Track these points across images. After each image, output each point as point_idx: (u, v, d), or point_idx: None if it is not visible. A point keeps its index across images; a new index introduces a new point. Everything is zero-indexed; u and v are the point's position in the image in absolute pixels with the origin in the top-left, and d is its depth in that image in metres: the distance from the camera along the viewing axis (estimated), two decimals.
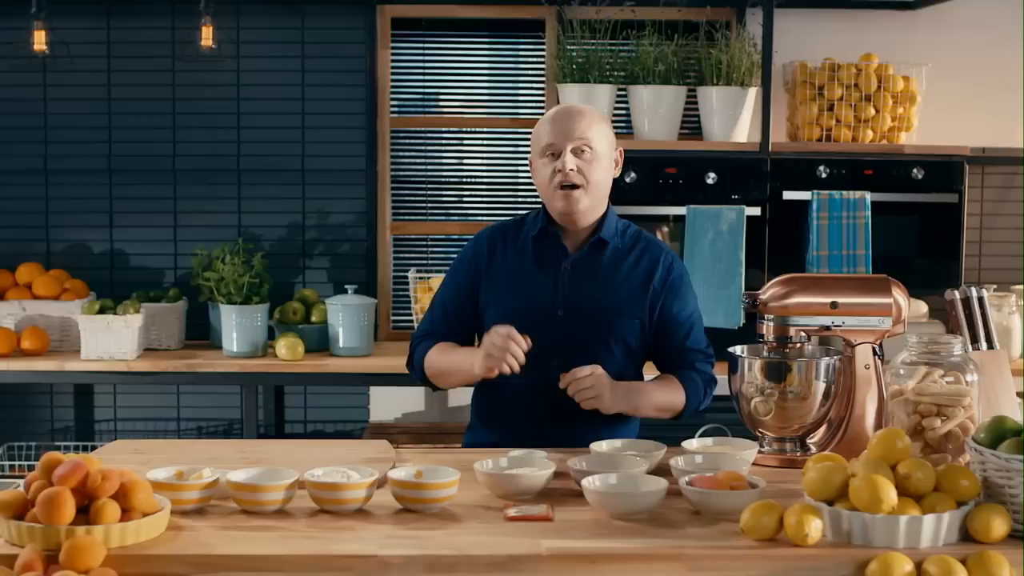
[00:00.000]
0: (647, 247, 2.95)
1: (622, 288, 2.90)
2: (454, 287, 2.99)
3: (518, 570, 2.08)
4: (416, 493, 2.32)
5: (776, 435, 2.74)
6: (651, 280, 2.91)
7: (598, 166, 2.85)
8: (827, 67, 4.65)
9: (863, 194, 4.48)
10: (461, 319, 2.97)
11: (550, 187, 2.85)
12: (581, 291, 2.88)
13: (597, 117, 2.90)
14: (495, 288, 2.92)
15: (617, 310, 2.89)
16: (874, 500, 2.12)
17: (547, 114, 2.92)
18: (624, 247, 2.93)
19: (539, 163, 2.88)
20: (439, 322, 2.99)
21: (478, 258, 2.96)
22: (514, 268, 2.92)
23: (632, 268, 2.92)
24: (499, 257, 2.94)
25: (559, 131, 2.84)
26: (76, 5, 4.77)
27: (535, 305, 2.86)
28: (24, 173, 4.87)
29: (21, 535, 2.08)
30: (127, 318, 4.44)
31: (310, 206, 4.93)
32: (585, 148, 2.83)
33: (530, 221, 2.98)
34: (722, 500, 2.28)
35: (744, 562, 2.11)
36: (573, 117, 2.85)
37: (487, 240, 2.98)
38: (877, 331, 2.75)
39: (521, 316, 2.82)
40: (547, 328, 2.83)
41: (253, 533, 2.20)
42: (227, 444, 3.06)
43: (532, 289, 2.89)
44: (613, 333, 2.89)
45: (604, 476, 2.37)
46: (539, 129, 2.90)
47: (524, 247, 2.94)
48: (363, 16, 4.87)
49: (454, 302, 2.98)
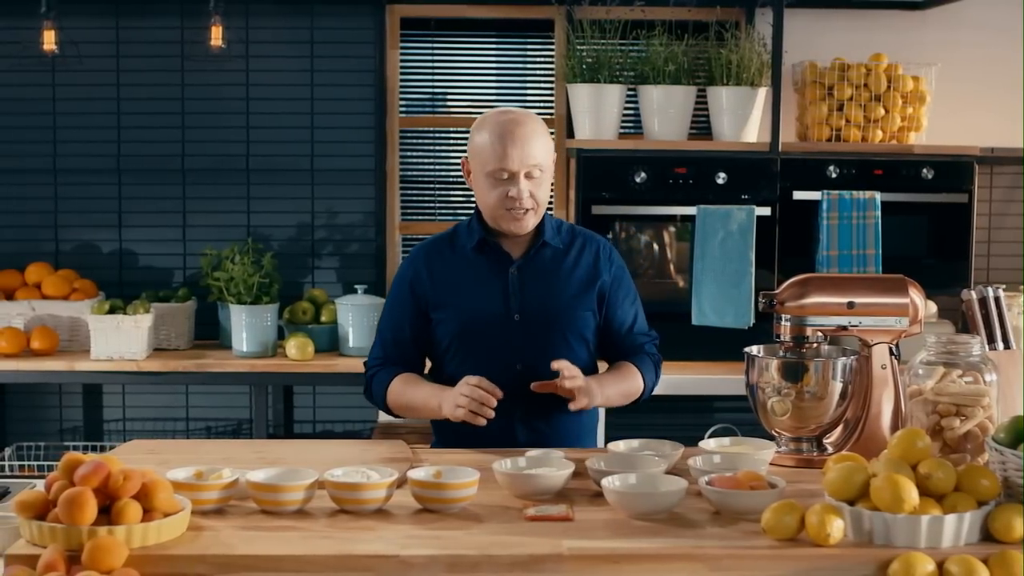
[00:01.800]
0: (585, 240, 2.99)
1: (571, 284, 2.93)
2: (399, 312, 2.97)
3: (540, 570, 2.08)
4: (436, 493, 2.32)
5: (792, 435, 2.74)
6: (597, 272, 2.95)
7: (545, 182, 2.87)
8: (836, 67, 4.65)
9: (873, 194, 4.48)
10: (412, 342, 2.97)
11: (499, 209, 2.84)
12: (532, 293, 2.90)
13: (540, 130, 2.85)
14: (445, 304, 2.91)
15: (571, 306, 2.92)
16: (896, 500, 2.12)
17: (490, 128, 2.82)
18: (564, 243, 2.96)
19: (484, 181, 2.84)
20: (391, 348, 2.97)
21: (418, 279, 2.94)
22: (460, 280, 2.91)
23: (575, 263, 2.95)
24: (441, 273, 2.93)
25: (512, 157, 2.79)
26: (85, 5, 4.77)
27: (489, 313, 2.88)
28: (33, 173, 4.87)
29: (43, 535, 2.08)
30: (137, 318, 4.43)
31: (319, 206, 4.93)
32: (536, 171, 2.83)
33: (463, 232, 2.96)
34: (742, 500, 2.28)
35: (766, 562, 2.11)
36: (526, 140, 2.79)
37: (424, 259, 2.96)
38: (894, 331, 2.75)
39: (478, 325, 2.87)
40: (505, 334, 2.87)
41: (273, 533, 2.20)
42: (243, 444, 3.06)
43: (483, 298, 2.89)
44: (571, 329, 2.92)
45: (624, 476, 2.37)
46: (485, 147, 2.82)
47: (465, 258, 2.93)
48: (372, 16, 4.87)
49: (402, 327, 2.96)
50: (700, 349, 4.41)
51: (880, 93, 4.65)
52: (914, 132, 4.71)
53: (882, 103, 4.65)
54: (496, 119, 2.85)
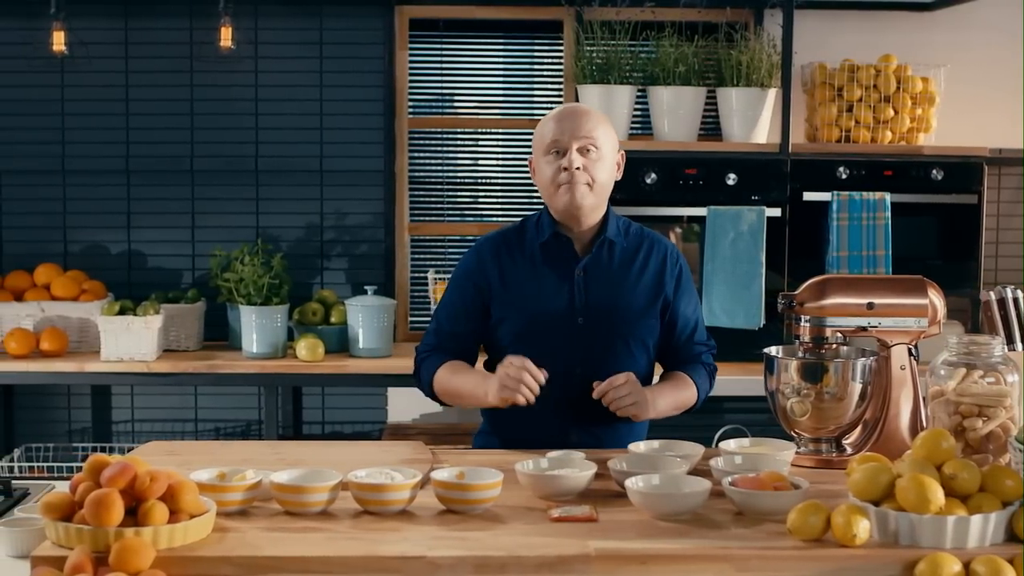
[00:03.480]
0: (653, 244, 2.94)
1: (637, 289, 2.89)
2: (459, 300, 2.93)
3: (568, 571, 2.08)
4: (460, 494, 2.32)
5: (812, 436, 2.74)
6: (663, 279, 2.91)
7: (603, 166, 2.83)
8: (846, 68, 4.65)
9: (883, 195, 4.48)
10: (467, 333, 2.93)
11: (553, 184, 2.81)
12: (597, 296, 2.86)
13: (602, 118, 2.88)
14: (509, 300, 2.87)
15: (636, 312, 2.88)
16: (921, 500, 2.12)
17: (551, 113, 2.88)
18: (631, 246, 2.92)
19: (542, 161, 2.83)
20: (445, 336, 2.93)
21: (484, 270, 2.90)
22: (524, 279, 2.87)
23: (643, 267, 2.91)
24: (508, 267, 2.89)
25: (565, 129, 2.80)
26: (94, 6, 4.77)
27: (553, 314, 2.83)
28: (42, 174, 4.87)
29: (69, 537, 2.08)
30: (147, 319, 4.43)
31: (328, 207, 4.93)
32: (591, 147, 2.80)
33: (532, 227, 2.92)
34: (766, 501, 2.28)
35: (792, 562, 2.11)
36: (580, 116, 2.82)
37: (491, 251, 2.91)
38: (913, 332, 2.75)
39: (541, 326, 2.83)
40: (567, 336, 2.83)
41: (299, 534, 2.20)
42: (262, 445, 3.06)
43: (549, 298, 2.85)
44: (633, 335, 2.89)
45: (647, 477, 2.37)
46: (543, 128, 2.86)
47: (532, 255, 2.89)
48: (381, 17, 4.87)
49: (459, 316, 2.92)
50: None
51: (889, 94, 4.65)
52: (923, 133, 4.71)
53: (891, 104, 4.66)
54: (557, 108, 2.90)
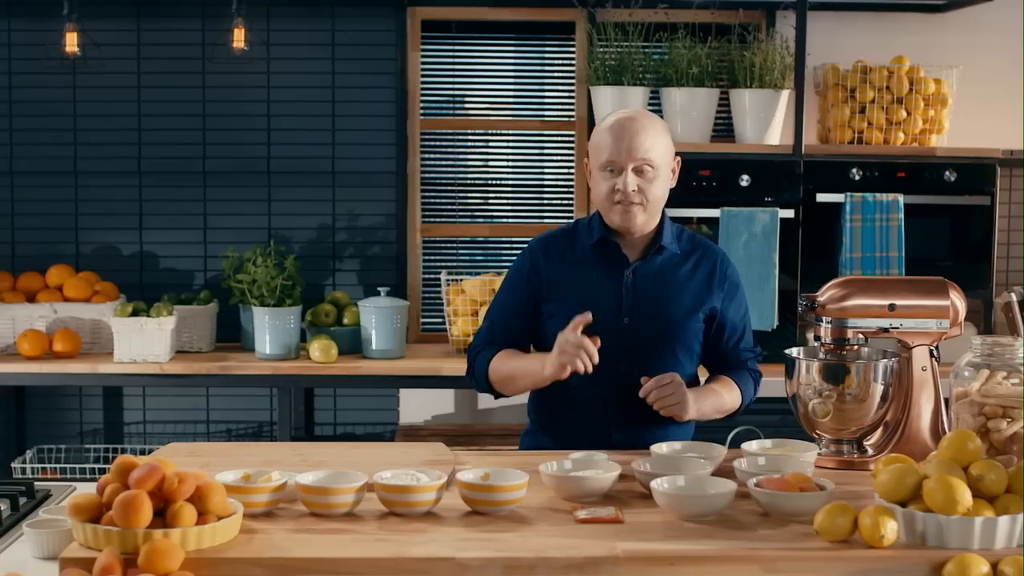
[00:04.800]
0: (705, 251, 2.98)
1: (685, 294, 2.92)
2: (511, 299, 2.98)
3: (596, 572, 2.08)
4: (486, 495, 2.32)
5: (833, 437, 2.75)
6: (711, 285, 2.94)
7: (658, 183, 2.85)
8: (858, 69, 4.65)
9: (896, 196, 4.48)
10: (520, 330, 2.97)
11: (607, 201, 2.85)
12: (645, 299, 2.89)
13: (659, 130, 2.86)
14: (559, 298, 2.90)
15: (682, 316, 2.91)
16: (949, 501, 2.12)
17: (608, 123, 2.86)
18: (682, 252, 2.95)
19: (598, 175, 2.86)
20: (499, 332, 2.98)
21: (536, 269, 2.94)
22: (577, 278, 2.92)
23: (692, 273, 2.94)
24: (558, 267, 2.93)
25: (622, 149, 2.80)
26: (107, 7, 4.77)
27: (601, 315, 2.83)
28: (54, 175, 4.87)
29: (98, 538, 2.08)
30: (160, 320, 4.43)
31: (340, 208, 4.93)
32: (646, 167, 2.82)
33: (584, 229, 2.96)
34: (793, 502, 2.28)
35: (820, 563, 2.11)
36: (637, 134, 2.81)
37: (543, 250, 2.97)
38: (934, 333, 2.75)
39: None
40: (613, 337, 2.84)
41: (326, 536, 2.20)
42: (283, 446, 3.06)
43: (597, 299, 2.87)
44: (679, 339, 2.91)
45: (672, 478, 2.37)
46: (600, 140, 2.86)
47: (583, 256, 2.93)
48: (393, 18, 4.87)
49: (513, 313, 2.97)
50: None
51: (902, 95, 4.65)
52: (936, 135, 4.71)
53: (904, 106, 4.66)
54: (615, 116, 2.88)
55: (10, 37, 4.81)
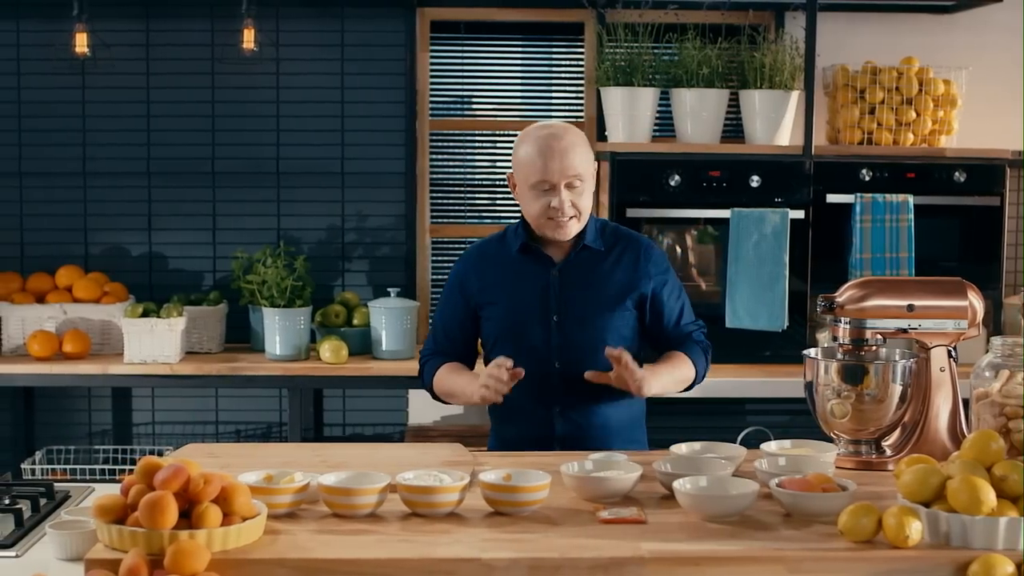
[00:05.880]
0: (628, 243, 3.06)
1: (609, 285, 3.00)
2: (450, 307, 3.11)
3: (621, 572, 2.08)
4: (509, 496, 2.32)
5: (852, 437, 2.75)
6: (636, 272, 3.01)
7: (587, 192, 2.96)
8: (868, 70, 4.65)
9: (906, 197, 4.49)
10: (461, 336, 3.10)
11: (542, 218, 2.94)
12: (571, 295, 2.99)
13: (582, 143, 2.94)
14: (489, 303, 3.04)
15: (608, 306, 2.99)
16: (974, 502, 2.12)
17: (532, 144, 2.91)
18: (606, 247, 3.03)
19: (528, 193, 2.94)
20: (442, 341, 3.12)
21: (467, 276, 3.08)
22: (504, 281, 3.03)
23: (616, 263, 3.02)
24: (488, 272, 3.05)
25: (553, 169, 2.88)
26: (116, 8, 4.77)
27: (530, 314, 2.98)
28: (63, 176, 4.86)
29: (123, 539, 2.08)
30: (170, 321, 4.43)
31: (349, 209, 4.93)
32: (576, 181, 2.91)
33: (511, 235, 3.07)
34: (816, 502, 2.28)
35: (845, 564, 2.12)
36: (566, 153, 2.88)
37: (474, 259, 3.11)
38: (952, 334, 2.76)
39: (518, 325, 2.99)
40: (544, 334, 2.97)
41: (350, 537, 2.20)
42: (302, 447, 3.05)
43: (524, 299, 2.99)
44: (608, 328, 2.98)
45: (694, 479, 2.37)
46: (528, 159, 2.91)
47: (511, 260, 3.04)
48: (402, 19, 4.87)
49: (452, 321, 3.10)
50: (733, 351, 4.40)
51: (911, 96, 4.65)
52: (945, 135, 4.71)
53: (913, 106, 4.66)
54: (536, 134, 2.95)
55: (19, 38, 4.81)
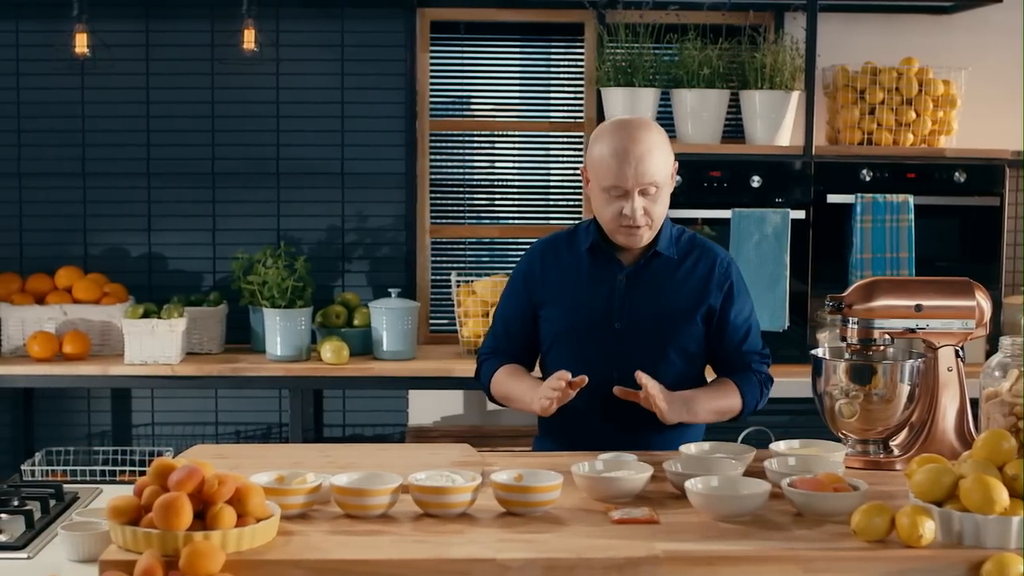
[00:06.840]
0: (703, 252, 2.94)
1: (679, 295, 2.89)
2: (513, 303, 3.00)
3: (635, 572, 2.09)
4: (521, 496, 2.32)
5: (860, 437, 2.75)
6: (709, 285, 2.90)
7: (663, 198, 2.84)
8: (867, 71, 4.66)
9: (906, 197, 4.50)
10: (523, 334, 2.99)
11: (613, 223, 2.83)
12: (637, 302, 2.87)
13: (658, 144, 2.81)
14: (551, 301, 2.92)
15: (675, 318, 2.88)
16: (986, 501, 2.13)
17: (606, 141, 2.79)
18: (679, 255, 2.92)
19: (600, 195, 2.82)
20: (502, 339, 3.01)
21: (531, 272, 2.96)
22: (568, 281, 2.91)
23: (688, 274, 2.91)
24: (552, 270, 2.93)
25: (628, 175, 2.76)
26: (116, 8, 4.75)
27: (591, 319, 2.86)
28: (63, 176, 4.85)
29: (137, 541, 2.07)
30: (171, 322, 4.42)
31: (349, 209, 4.92)
32: (651, 188, 2.80)
33: (582, 232, 2.95)
34: (828, 502, 2.29)
35: (858, 563, 2.12)
36: (642, 159, 2.76)
37: (540, 253, 2.98)
38: (959, 334, 2.77)
39: (578, 329, 2.86)
40: (604, 340, 2.85)
41: (363, 537, 2.20)
42: (310, 448, 3.04)
43: (587, 302, 2.88)
44: (672, 341, 2.89)
45: (706, 479, 2.38)
46: (603, 161, 2.79)
47: (578, 259, 2.92)
48: (402, 19, 4.87)
49: (514, 318, 2.99)
50: None
51: (911, 97, 4.66)
52: (945, 136, 4.73)
53: (913, 107, 4.67)
54: (614, 132, 2.81)
55: (18, 38, 4.80)
